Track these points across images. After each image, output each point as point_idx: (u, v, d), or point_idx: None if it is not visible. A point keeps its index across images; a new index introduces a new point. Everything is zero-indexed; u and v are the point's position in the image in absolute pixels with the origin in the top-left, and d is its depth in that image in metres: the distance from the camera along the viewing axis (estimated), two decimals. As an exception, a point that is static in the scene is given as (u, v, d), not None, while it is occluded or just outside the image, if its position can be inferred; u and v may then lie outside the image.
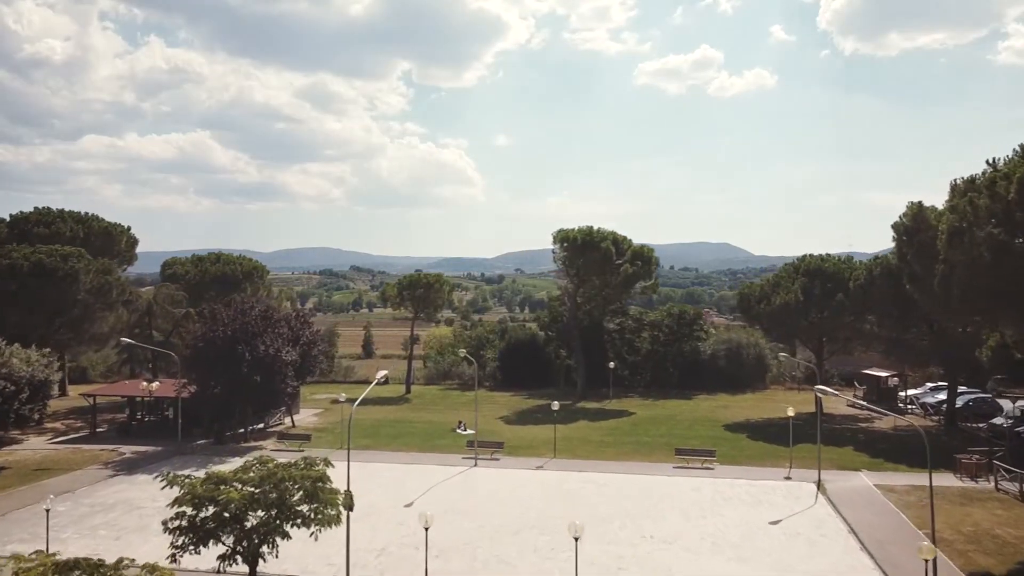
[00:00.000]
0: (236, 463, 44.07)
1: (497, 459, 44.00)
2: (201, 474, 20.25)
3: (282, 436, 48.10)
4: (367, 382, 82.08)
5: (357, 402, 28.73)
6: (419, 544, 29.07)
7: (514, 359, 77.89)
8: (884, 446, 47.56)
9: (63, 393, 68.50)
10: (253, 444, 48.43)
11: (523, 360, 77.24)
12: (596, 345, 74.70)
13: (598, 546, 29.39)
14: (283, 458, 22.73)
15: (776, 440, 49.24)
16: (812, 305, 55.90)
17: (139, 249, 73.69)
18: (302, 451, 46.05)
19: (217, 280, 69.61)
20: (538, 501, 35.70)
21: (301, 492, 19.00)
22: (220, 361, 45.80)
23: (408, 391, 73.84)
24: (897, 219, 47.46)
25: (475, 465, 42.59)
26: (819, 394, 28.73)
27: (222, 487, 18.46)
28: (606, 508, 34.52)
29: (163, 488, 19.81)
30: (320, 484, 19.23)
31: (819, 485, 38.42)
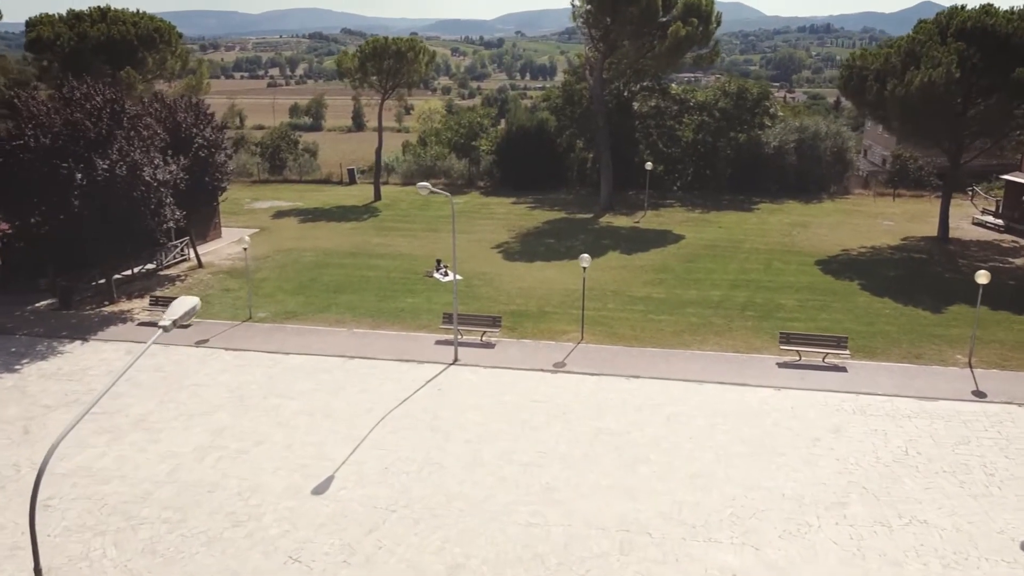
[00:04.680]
0: (78, 352, 26.05)
1: (491, 344, 27.72)
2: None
3: (157, 300, 30.83)
4: (329, 182, 64.52)
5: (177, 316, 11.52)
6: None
7: (516, 153, 59.31)
8: (1085, 312, 31.05)
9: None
10: (119, 310, 31.91)
11: (528, 154, 58.63)
12: (625, 135, 56.23)
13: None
14: None
15: (908, 296, 32.71)
16: (969, 85, 36.94)
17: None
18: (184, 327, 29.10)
19: (102, 48, 49.30)
20: (563, 467, 19.62)
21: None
22: (37, 185, 28.18)
23: (377, 197, 56.41)
24: None
25: (455, 361, 26.24)
26: None
27: None
28: (685, 492, 18.45)
29: None
30: None
31: (1043, 415, 22.44)
